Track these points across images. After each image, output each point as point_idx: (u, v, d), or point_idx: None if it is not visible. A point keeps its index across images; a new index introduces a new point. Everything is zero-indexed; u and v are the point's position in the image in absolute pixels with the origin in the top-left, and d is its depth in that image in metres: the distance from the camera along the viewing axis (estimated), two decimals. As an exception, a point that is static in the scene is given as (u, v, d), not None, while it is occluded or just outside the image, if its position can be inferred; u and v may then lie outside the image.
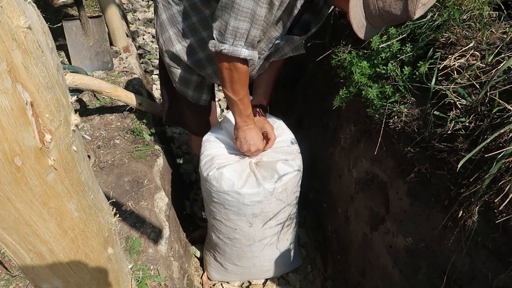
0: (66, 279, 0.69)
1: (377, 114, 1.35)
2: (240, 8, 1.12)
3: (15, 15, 0.41)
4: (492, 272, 0.98)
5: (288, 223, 1.71)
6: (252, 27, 1.17)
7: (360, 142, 1.60)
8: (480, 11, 1.19)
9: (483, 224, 0.99)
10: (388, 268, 1.43)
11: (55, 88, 0.50)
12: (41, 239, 0.58)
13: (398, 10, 0.94)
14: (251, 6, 1.11)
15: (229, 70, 1.30)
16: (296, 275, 2.04)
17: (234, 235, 1.65)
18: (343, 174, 1.78)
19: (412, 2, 0.93)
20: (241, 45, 1.22)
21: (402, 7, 0.94)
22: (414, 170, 1.20)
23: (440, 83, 1.15)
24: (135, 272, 1.50)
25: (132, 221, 1.67)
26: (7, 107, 0.43)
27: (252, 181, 1.49)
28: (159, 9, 1.46)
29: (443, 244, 1.13)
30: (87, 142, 2.00)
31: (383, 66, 1.33)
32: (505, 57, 1.05)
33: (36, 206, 0.53)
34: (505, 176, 0.91)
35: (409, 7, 0.93)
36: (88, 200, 0.64)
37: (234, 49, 1.22)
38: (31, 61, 0.44)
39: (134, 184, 1.83)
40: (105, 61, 2.63)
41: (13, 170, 0.47)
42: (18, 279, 1.38)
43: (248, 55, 1.25)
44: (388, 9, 0.95)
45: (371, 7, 0.97)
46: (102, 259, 0.74)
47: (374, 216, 1.52)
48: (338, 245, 1.94)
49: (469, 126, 1.04)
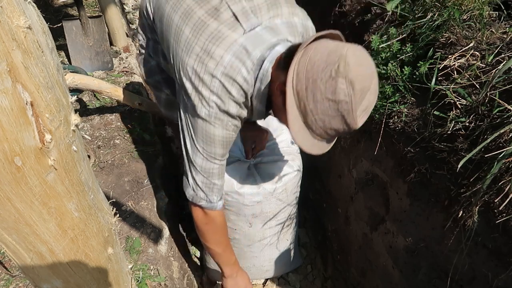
0: (66, 279, 0.69)
1: (377, 114, 1.35)
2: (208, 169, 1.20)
3: (15, 15, 0.41)
4: (492, 272, 0.98)
5: (288, 223, 1.71)
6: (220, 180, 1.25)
7: (360, 142, 1.60)
8: (480, 11, 1.19)
9: (483, 224, 0.99)
10: (388, 268, 1.43)
11: (55, 88, 0.50)
12: (41, 239, 0.58)
13: (340, 125, 0.96)
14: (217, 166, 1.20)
15: (207, 224, 1.33)
16: (296, 275, 2.04)
17: (234, 235, 1.65)
18: (343, 174, 1.78)
19: (349, 116, 0.93)
20: (216, 199, 1.27)
21: (342, 122, 0.95)
22: (414, 170, 1.20)
23: (440, 83, 1.15)
24: (135, 272, 1.50)
25: (132, 221, 1.67)
26: (7, 107, 0.43)
27: (252, 182, 1.49)
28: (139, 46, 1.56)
29: (443, 244, 1.13)
30: (87, 142, 2.00)
31: (383, 66, 1.33)
32: (505, 57, 1.05)
33: (36, 206, 0.53)
34: (505, 176, 0.91)
35: (348, 121, 0.94)
36: (88, 200, 0.64)
37: (211, 205, 1.27)
38: (31, 61, 0.44)
39: (134, 184, 1.83)
40: (105, 61, 2.63)
41: (13, 170, 0.47)
42: (18, 279, 1.38)
43: (222, 207, 1.31)
44: (330, 126, 0.96)
45: (314, 128, 0.98)
46: (102, 259, 0.74)
47: (374, 216, 1.52)
48: (338, 245, 1.94)
49: (469, 126, 1.04)
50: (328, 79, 0.90)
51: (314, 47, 0.94)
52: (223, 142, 1.16)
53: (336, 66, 0.89)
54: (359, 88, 0.90)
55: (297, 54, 0.94)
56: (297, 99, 0.95)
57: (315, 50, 0.94)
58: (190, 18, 1.13)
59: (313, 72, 0.92)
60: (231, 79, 1.05)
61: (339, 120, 0.94)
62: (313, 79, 0.92)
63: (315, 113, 0.95)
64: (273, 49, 1.05)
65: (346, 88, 0.90)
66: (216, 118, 1.10)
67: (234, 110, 1.10)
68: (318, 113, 0.94)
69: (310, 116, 0.96)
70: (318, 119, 0.95)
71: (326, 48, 0.93)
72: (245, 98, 1.10)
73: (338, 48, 0.92)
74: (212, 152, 1.17)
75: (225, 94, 1.06)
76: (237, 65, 1.04)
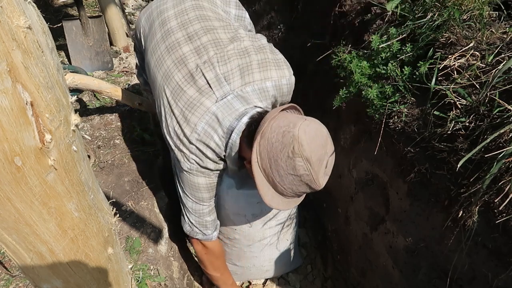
0: (66, 279, 0.69)
1: (377, 114, 1.35)
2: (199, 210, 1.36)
3: (15, 15, 0.41)
4: (492, 272, 0.98)
5: (288, 223, 1.71)
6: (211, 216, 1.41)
7: (360, 142, 1.59)
8: (480, 11, 1.19)
9: (483, 224, 0.99)
10: (388, 268, 1.43)
11: (55, 88, 0.50)
12: (41, 239, 0.58)
13: (307, 189, 1.10)
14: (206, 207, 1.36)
15: (206, 254, 1.51)
16: (296, 275, 2.03)
17: (234, 235, 1.65)
18: (343, 174, 1.77)
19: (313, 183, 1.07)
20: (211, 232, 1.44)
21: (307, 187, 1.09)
22: (414, 170, 1.20)
23: (440, 83, 1.15)
24: (135, 272, 1.50)
25: (132, 221, 1.67)
26: (7, 107, 0.43)
27: (252, 182, 1.48)
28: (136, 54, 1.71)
29: (443, 244, 1.13)
30: (87, 142, 2.00)
31: (383, 66, 1.33)
32: (505, 57, 1.05)
33: (36, 206, 0.53)
34: (505, 176, 0.91)
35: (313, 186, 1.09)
36: (88, 200, 0.64)
37: (206, 237, 1.44)
38: (31, 61, 0.44)
39: (134, 184, 1.83)
40: (105, 61, 2.63)
41: (13, 170, 0.47)
42: (18, 279, 1.38)
43: (217, 235, 1.48)
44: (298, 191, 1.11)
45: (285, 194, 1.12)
46: (102, 259, 0.74)
47: (374, 216, 1.52)
48: (338, 245, 1.94)
49: (469, 126, 1.04)
50: (287, 159, 1.03)
51: (270, 127, 1.07)
52: (208, 188, 1.30)
53: (291, 148, 1.02)
54: (316, 159, 1.04)
55: (257, 136, 1.07)
56: (265, 174, 1.09)
57: (271, 131, 1.06)
58: (169, 81, 1.25)
59: (273, 152, 1.05)
60: (205, 145, 1.18)
61: (305, 187, 1.09)
62: (274, 159, 1.05)
63: (282, 184, 1.08)
64: (240, 120, 1.16)
65: (304, 164, 1.03)
66: (198, 171, 1.24)
67: (212, 166, 1.24)
68: (285, 183, 1.08)
69: (279, 186, 1.09)
70: (286, 187, 1.09)
71: (280, 127, 1.05)
72: (220, 159, 1.24)
73: (290, 127, 1.04)
74: (200, 197, 1.32)
75: (201, 155, 1.20)
76: (210, 132, 1.17)
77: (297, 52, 2.10)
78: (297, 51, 2.11)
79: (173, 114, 1.21)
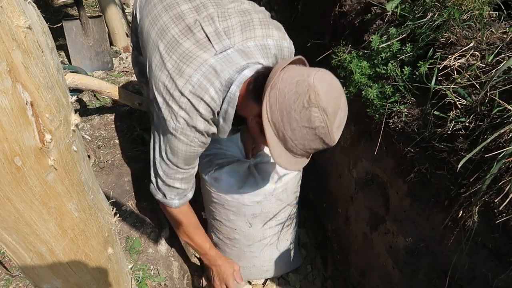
0: (66, 279, 0.69)
1: (377, 114, 1.35)
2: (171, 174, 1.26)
3: (15, 15, 0.41)
4: (492, 272, 0.98)
5: (288, 223, 1.71)
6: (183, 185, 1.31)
7: (360, 142, 1.60)
8: (480, 11, 1.19)
9: (483, 224, 0.99)
10: (388, 268, 1.43)
11: (55, 88, 0.50)
12: (41, 239, 0.58)
13: (319, 145, 1.02)
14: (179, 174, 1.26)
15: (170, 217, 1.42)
16: (296, 275, 2.03)
17: (234, 235, 1.65)
18: (343, 174, 1.77)
19: (327, 137, 1.00)
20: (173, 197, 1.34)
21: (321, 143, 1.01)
22: (414, 170, 1.20)
23: (440, 83, 1.15)
24: (135, 272, 1.50)
25: (132, 221, 1.67)
26: (7, 107, 0.43)
27: (252, 182, 1.49)
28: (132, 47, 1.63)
29: (443, 244, 1.13)
30: (87, 142, 2.00)
31: (383, 66, 1.33)
32: (505, 57, 1.05)
33: (36, 206, 0.53)
34: (505, 176, 0.91)
35: (326, 141, 1.01)
36: (88, 200, 0.64)
37: (166, 201, 1.34)
38: (31, 61, 0.44)
39: (134, 184, 1.83)
40: (105, 61, 2.63)
41: (13, 170, 0.47)
42: (18, 279, 1.38)
43: (179, 205, 1.36)
44: (310, 147, 1.02)
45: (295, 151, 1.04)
46: (102, 259, 0.74)
47: (374, 216, 1.52)
48: (338, 245, 1.94)
49: (469, 126, 1.04)
50: (302, 110, 0.96)
51: (281, 78, 0.99)
52: (186, 156, 1.21)
53: (307, 97, 0.95)
54: (331, 111, 0.97)
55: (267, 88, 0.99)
56: (275, 129, 1.01)
57: (283, 81, 0.98)
58: (164, 35, 1.18)
59: (286, 104, 0.97)
60: (198, 98, 1.09)
61: (318, 142, 1.01)
62: (287, 111, 0.97)
63: (294, 139, 1.00)
64: (241, 72, 1.09)
65: (320, 115, 0.96)
66: (182, 134, 1.14)
67: (201, 126, 1.14)
68: (297, 138, 1.00)
69: (289, 142, 1.01)
70: (297, 143, 1.01)
71: (292, 78, 0.98)
72: (213, 115, 1.14)
73: (304, 77, 0.97)
74: (175, 162, 1.23)
75: (193, 111, 1.10)
76: (205, 84, 1.08)
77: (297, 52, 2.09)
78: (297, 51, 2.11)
79: (165, 67, 1.13)
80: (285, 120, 0.98)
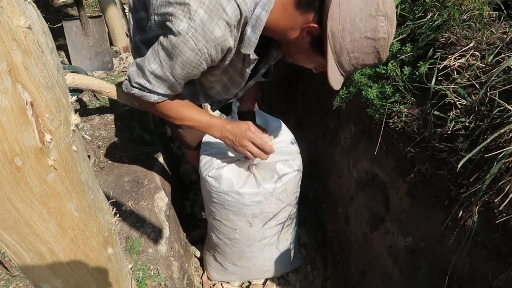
0: (66, 279, 0.69)
1: (377, 114, 1.35)
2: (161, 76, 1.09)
3: (15, 15, 0.41)
4: (492, 272, 0.98)
5: (288, 223, 1.71)
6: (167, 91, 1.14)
7: (360, 142, 1.60)
8: (480, 11, 1.19)
9: (483, 224, 0.99)
10: (388, 268, 1.43)
11: (55, 88, 0.50)
12: (41, 239, 0.58)
13: (372, 60, 0.98)
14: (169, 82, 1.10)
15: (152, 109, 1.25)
16: (296, 275, 2.04)
17: (234, 235, 1.65)
18: (343, 174, 1.77)
19: (383, 51, 0.96)
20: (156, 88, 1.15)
21: (375, 58, 0.97)
22: (414, 170, 1.20)
23: (440, 83, 1.15)
24: (135, 272, 1.50)
25: (132, 221, 1.67)
26: (7, 107, 0.43)
27: (252, 181, 1.49)
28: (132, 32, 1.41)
29: (443, 244, 1.13)
30: (87, 142, 2.00)
31: (383, 66, 1.33)
32: (505, 57, 1.05)
33: (36, 206, 0.53)
34: (505, 176, 0.91)
35: (381, 56, 0.97)
36: (88, 200, 0.64)
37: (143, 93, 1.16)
38: (31, 61, 0.44)
39: (134, 184, 1.83)
40: (105, 61, 2.63)
41: (13, 170, 0.47)
42: (18, 279, 1.38)
43: (158, 99, 1.18)
44: (362, 62, 0.98)
45: (346, 66, 0.98)
46: (102, 259, 0.74)
47: (374, 216, 1.53)
48: (338, 245, 1.94)
49: (469, 126, 1.04)
50: (368, 18, 0.89)
51: None
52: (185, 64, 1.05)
53: (375, 5, 0.88)
54: (394, 23, 0.92)
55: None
56: (332, 40, 0.93)
57: None
58: None
59: (350, 11, 0.89)
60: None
61: (373, 56, 0.96)
62: (350, 19, 0.90)
63: (350, 52, 0.94)
64: None
65: (385, 26, 0.90)
66: (193, 37, 0.98)
67: (219, 33, 0.98)
68: (355, 51, 0.94)
69: (344, 55, 0.95)
70: (352, 57, 0.95)
71: None
72: (238, 22, 0.99)
73: None
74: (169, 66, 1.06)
75: (216, 11, 0.95)
76: None
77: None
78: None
79: None
80: (347, 30, 0.91)
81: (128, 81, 1.17)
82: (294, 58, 1.12)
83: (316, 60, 1.06)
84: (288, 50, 1.12)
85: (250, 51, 1.08)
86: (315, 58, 1.06)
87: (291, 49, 1.08)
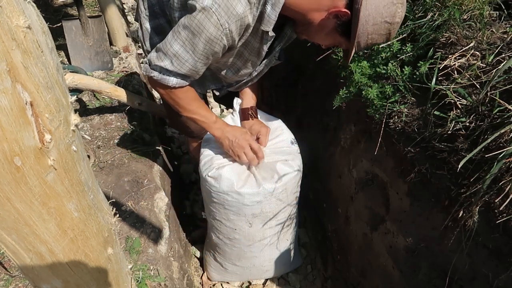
0: (65, 279, 0.69)
1: (377, 114, 1.34)
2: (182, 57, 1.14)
3: (15, 14, 0.41)
4: (493, 272, 0.98)
5: (288, 223, 1.71)
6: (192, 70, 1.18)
7: (360, 142, 1.59)
8: (481, 11, 1.19)
9: (484, 224, 0.99)
10: (388, 268, 1.43)
11: (55, 88, 0.50)
12: (40, 239, 0.58)
13: (382, 40, 1.10)
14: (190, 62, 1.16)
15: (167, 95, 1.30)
16: (296, 275, 2.04)
17: (234, 235, 1.65)
18: (343, 174, 1.77)
19: (393, 32, 1.07)
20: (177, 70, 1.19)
21: (385, 38, 1.09)
22: (414, 170, 1.20)
23: (441, 83, 1.15)
24: (135, 272, 1.50)
25: (132, 221, 1.67)
26: (7, 107, 0.43)
27: (252, 181, 1.49)
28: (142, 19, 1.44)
29: (443, 244, 1.13)
30: (87, 142, 2.00)
31: (383, 66, 1.33)
32: (505, 57, 1.05)
33: (35, 206, 0.53)
34: (506, 176, 0.91)
35: (390, 37, 1.09)
36: (88, 200, 0.64)
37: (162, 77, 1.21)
38: (31, 61, 0.44)
39: (134, 184, 1.83)
40: (105, 61, 2.62)
41: (13, 170, 0.47)
42: (17, 279, 1.38)
43: (177, 83, 1.23)
44: (375, 42, 1.10)
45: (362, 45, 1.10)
46: (102, 259, 0.74)
47: (374, 216, 1.52)
48: (338, 245, 1.94)
49: (470, 126, 1.03)
50: (390, 5, 1.01)
51: None
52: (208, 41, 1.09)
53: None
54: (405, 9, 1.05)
55: None
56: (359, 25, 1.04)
57: None
58: None
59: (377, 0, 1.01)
60: None
61: (384, 37, 1.08)
62: (376, 6, 1.01)
63: (370, 34, 1.05)
64: None
65: (401, 12, 1.03)
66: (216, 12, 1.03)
67: (240, 9, 1.04)
68: (373, 33, 1.05)
69: (364, 37, 1.06)
70: (369, 38, 1.07)
71: None
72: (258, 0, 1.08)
73: None
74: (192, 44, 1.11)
75: None
76: None
77: (297, 52, 2.10)
78: (297, 50, 2.11)
79: None
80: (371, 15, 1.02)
81: (148, 64, 1.22)
82: (311, 36, 1.20)
83: (337, 40, 1.15)
84: (306, 29, 1.18)
85: (269, 28, 1.15)
86: (337, 38, 1.14)
87: (311, 28, 1.14)
